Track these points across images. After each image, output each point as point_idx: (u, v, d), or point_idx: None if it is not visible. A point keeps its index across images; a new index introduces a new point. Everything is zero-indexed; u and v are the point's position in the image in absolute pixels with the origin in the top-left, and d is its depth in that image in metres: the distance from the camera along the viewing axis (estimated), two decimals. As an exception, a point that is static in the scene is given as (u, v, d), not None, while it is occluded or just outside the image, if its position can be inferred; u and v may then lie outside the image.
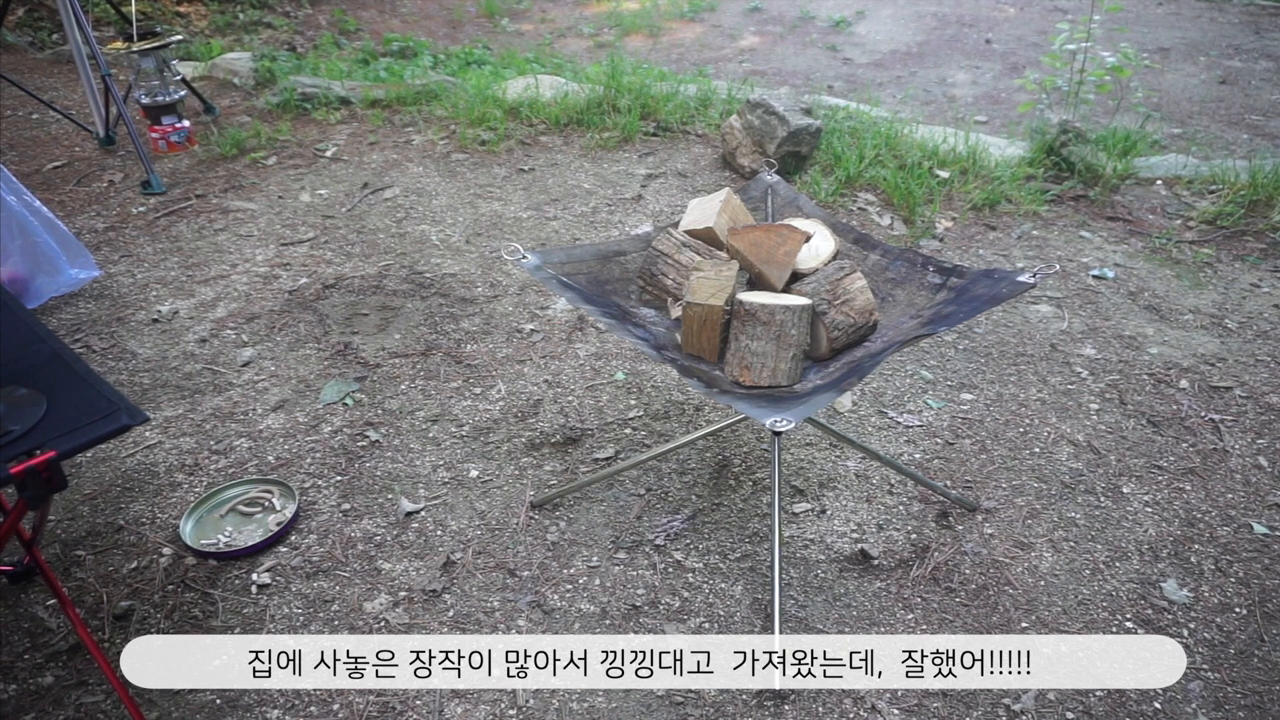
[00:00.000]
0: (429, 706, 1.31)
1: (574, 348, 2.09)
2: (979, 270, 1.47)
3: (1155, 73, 4.36)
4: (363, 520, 1.63)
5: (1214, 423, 1.91)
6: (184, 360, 2.03)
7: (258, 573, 1.52)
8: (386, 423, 1.85)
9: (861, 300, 1.40)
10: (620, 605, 1.47)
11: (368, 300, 2.24)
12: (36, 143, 3.12)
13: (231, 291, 2.27)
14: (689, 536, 1.60)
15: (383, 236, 2.52)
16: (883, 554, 1.57)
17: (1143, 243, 2.60)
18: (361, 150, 3.05)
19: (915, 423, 1.89)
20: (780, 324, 1.31)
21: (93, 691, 1.32)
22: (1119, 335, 2.19)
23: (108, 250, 2.44)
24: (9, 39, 4.03)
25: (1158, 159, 3.07)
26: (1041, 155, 2.95)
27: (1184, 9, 5.60)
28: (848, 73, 4.46)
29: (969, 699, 1.33)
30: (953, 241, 2.58)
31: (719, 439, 1.83)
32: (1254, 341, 2.18)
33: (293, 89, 3.39)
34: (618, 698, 1.33)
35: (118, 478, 1.72)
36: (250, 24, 4.70)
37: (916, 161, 2.89)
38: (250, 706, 1.31)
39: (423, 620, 1.44)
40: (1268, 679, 1.38)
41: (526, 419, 1.87)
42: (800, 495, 1.70)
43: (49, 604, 1.46)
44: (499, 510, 1.65)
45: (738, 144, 2.86)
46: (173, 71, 3.03)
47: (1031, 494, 1.72)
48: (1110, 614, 1.48)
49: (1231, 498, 1.72)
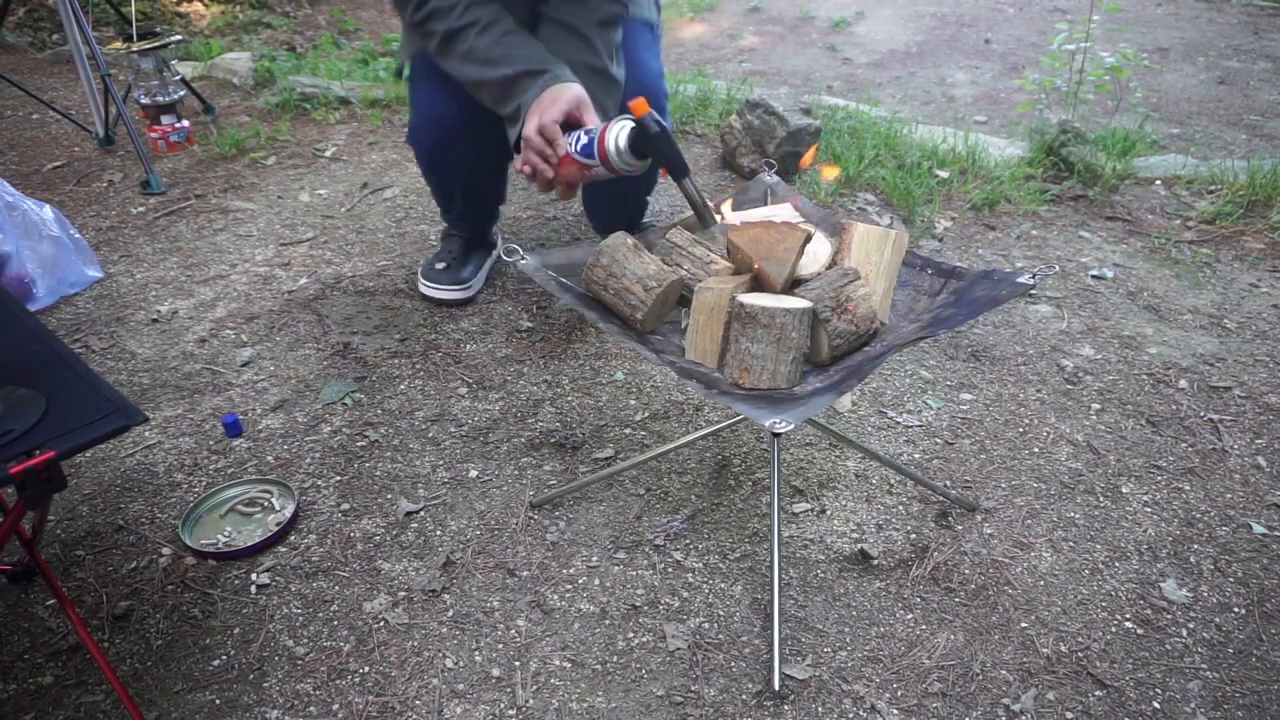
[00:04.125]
0: (428, 706, 1.31)
1: (573, 348, 2.09)
2: (979, 271, 1.47)
3: (1154, 73, 4.36)
4: (362, 520, 1.63)
5: (1213, 423, 1.91)
6: (183, 360, 2.03)
7: (257, 573, 1.52)
8: (386, 423, 1.85)
9: (864, 308, 1.40)
10: (620, 605, 1.47)
11: (367, 300, 2.24)
12: (36, 143, 3.12)
13: (231, 291, 2.27)
14: (689, 536, 1.60)
15: (382, 236, 2.52)
16: (882, 554, 1.57)
17: (1142, 243, 2.61)
18: (361, 150, 3.05)
19: (914, 423, 1.89)
20: (781, 327, 1.31)
21: (92, 691, 1.32)
22: (1118, 335, 2.19)
23: (107, 250, 2.44)
24: (9, 39, 4.03)
25: (1157, 159, 3.08)
26: (1041, 155, 2.96)
27: (1183, 9, 5.60)
28: (847, 73, 4.46)
29: (969, 699, 1.33)
30: (952, 241, 2.58)
31: (719, 439, 1.83)
32: (1253, 341, 2.18)
33: (292, 89, 3.39)
34: (617, 698, 1.33)
35: (117, 478, 1.72)
36: (250, 24, 4.70)
37: (916, 161, 2.89)
38: (250, 706, 1.31)
39: (422, 620, 1.44)
40: (1266, 679, 1.38)
41: (526, 419, 1.87)
42: (800, 495, 1.70)
43: (49, 604, 1.46)
44: (499, 510, 1.65)
45: (737, 144, 2.86)
46: (172, 71, 3.03)
47: (1031, 494, 1.72)
48: (1110, 614, 1.48)
49: (1230, 497, 1.72)
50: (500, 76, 1.60)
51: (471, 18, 1.62)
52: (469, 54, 1.62)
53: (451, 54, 1.65)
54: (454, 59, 1.66)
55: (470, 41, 1.61)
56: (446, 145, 1.96)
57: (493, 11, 1.64)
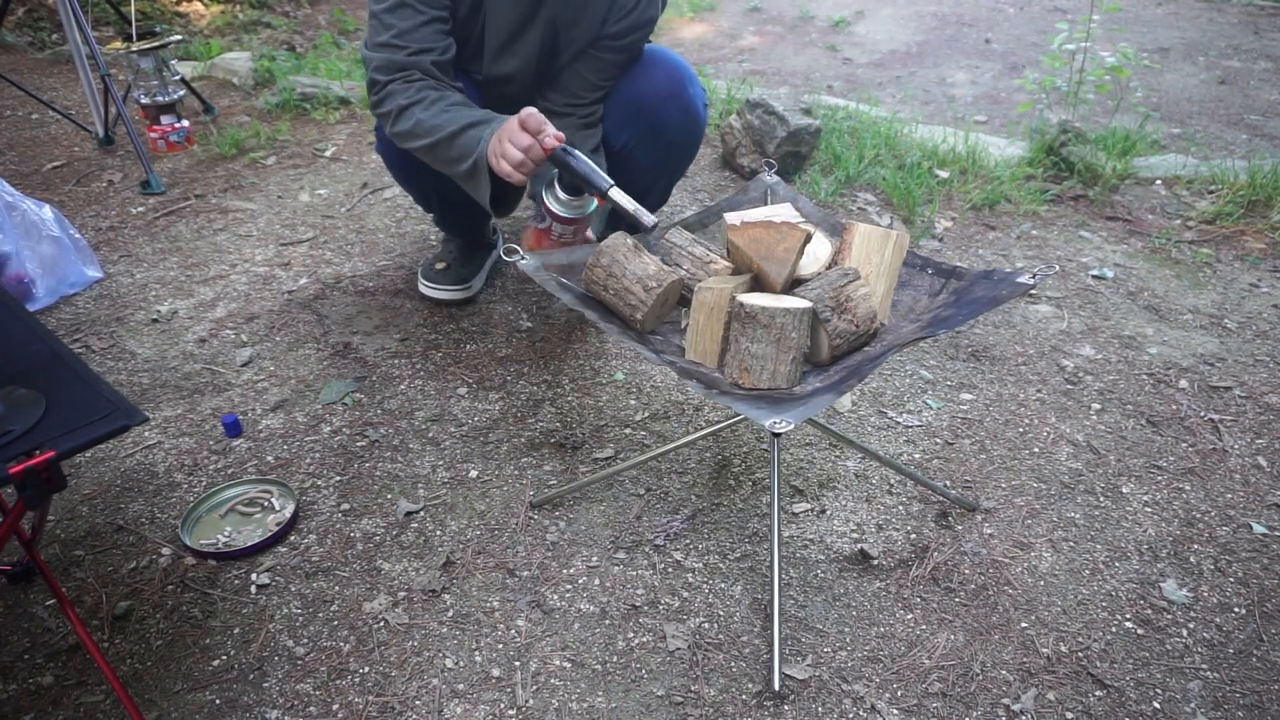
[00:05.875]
0: (428, 706, 1.31)
1: (573, 348, 2.09)
2: (979, 271, 1.47)
3: (1154, 73, 4.36)
4: (362, 520, 1.63)
5: (1213, 423, 1.91)
6: (183, 360, 2.03)
7: (257, 573, 1.52)
8: (386, 423, 1.85)
9: (864, 308, 1.40)
10: (620, 605, 1.47)
11: (367, 300, 2.24)
12: (36, 143, 3.12)
13: (231, 291, 2.27)
14: (688, 536, 1.60)
15: (382, 236, 2.52)
16: (882, 554, 1.57)
17: (1142, 242, 2.61)
18: (361, 150, 3.05)
19: (915, 423, 1.89)
20: (781, 327, 1.31)
21: (92, 691, 1.32)
22: (1118, 335, 2.19)
23: (107, 250, 2.44)
24: (8, 39, 4.03)
25: (1157, 159, 3.08)
26: (1041, 155, 2.96)
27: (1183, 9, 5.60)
28: (847, 72, 4.46)
29: (969, 699, 1.33)
30: (952, 241, 2.58)
31: (719, 439, 1.83)
32: (1253, 341, 2.18)
33: (292, 89, 3.39)
34: (617, 698, 1.33)
35: (117, 478, 1.72)
36: (249, 24, 4.70)
37: (916, 161, 2.89)
38: (250, 706, 1.31)
39: (422, 620, 1.44)
40: (1267, 679, 1.38)
41: (526, 419, 1.87)
42: (800, 495, 1.70)
43: (48, 604, 1.46)
44: (499, 510, 1.65)
45: (737, 144, 2.86)
46: (172, 71, 3.03)
47: (1031, 494, 1.72)
48: (1110, 614, 1.48)
49: (1231, 498, 1.72)
50: (448, 133, 1.62)
51: (419, 96, 1.67)
52: (417, 126, 1.66)
53: (403, 129, 1.68)
54: (406, 136, 1.69)
55: (417, 114, 1.66)
56: (411, 155, 1.90)
57: (440, 90, 1.69)
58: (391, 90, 1.68)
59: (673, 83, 1.88)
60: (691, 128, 1.94)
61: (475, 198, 1.68)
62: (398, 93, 1.67)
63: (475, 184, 1.65)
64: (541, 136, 1.49)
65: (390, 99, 1.68)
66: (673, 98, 1.88)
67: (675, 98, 1.88)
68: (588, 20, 1.79)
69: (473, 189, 1.67)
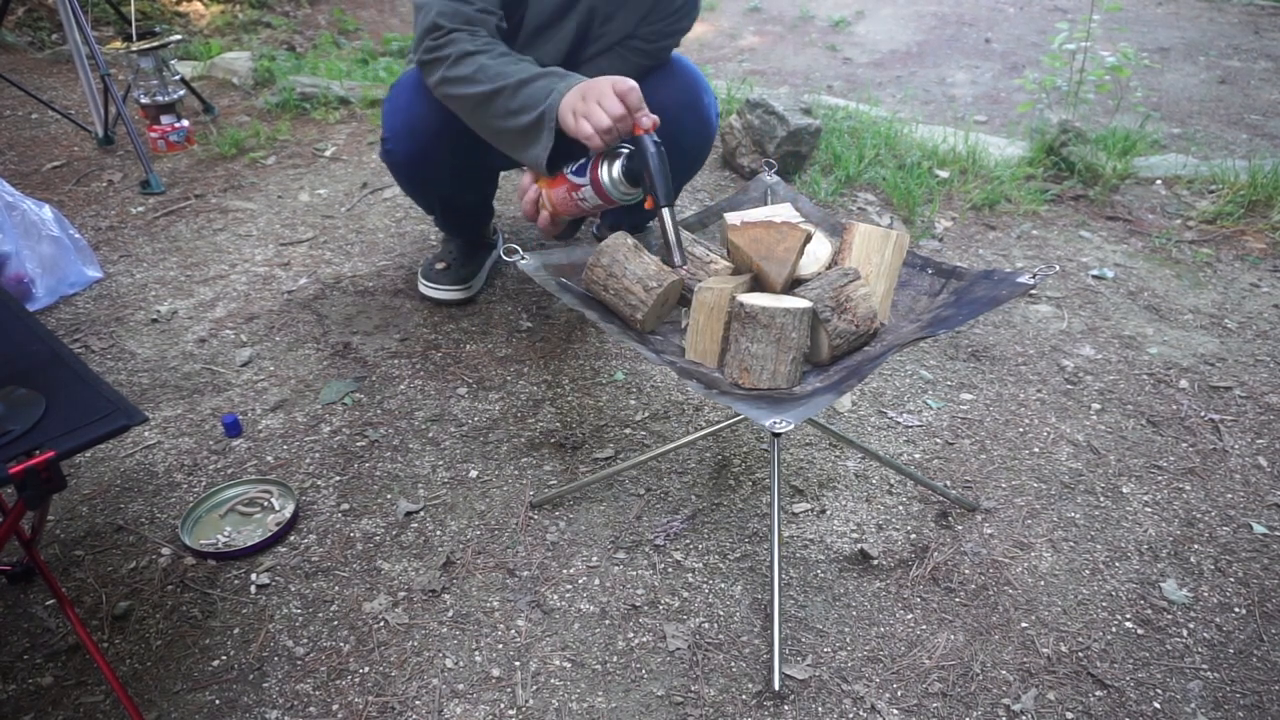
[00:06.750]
0: (428, 706, 1.31)
1: (573, 348, 2.09)
2: (979, 271, 1.47)
3: (1155, 72, 4.36)
4: (362, 520, 1.63)
5: (1214, 423, 1.91)
6: (183, 360, 2.03)
7: (257, 573, 1.52)
8: (386, 423, 1.85)
9: (864, 308, 1.40)
10: (620, 605, 1.47)
11: (367, 300, 2.24)
12: (36, 143, 3.12)
13: (230, 291, 2.27)
14: (688, 536, 1.60)
15: (382, 236, 2.52)
16: (882, 554, 1.57)
17: (1142, 242, 2.61)
18: (361, 150, 3.05)
19: (915, 423, 1.89)
20: (781, 327, 1.31)
21: (92, 692, 1.32)
22: (1118, 335, 2.19)
23: (106, 250, 2.44)
24: (8, 39, 4.03)
25: (1157, 159, 3.07)
26: (1041, 155, 2.96)
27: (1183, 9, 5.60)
28: (847, 72, 4.46)
29: (969, 699, 1.33)
30: (952, 241, 2.58)
31: (719, 439, 1.83)
32: (1254, 341, 2.18)
33: (292, 89, 3.39)
34: (617, 698, 1.33)
35: (117, 478, 1.72)
36: (249, 24, 4.70)
37: (916, 161, 2.89)
38: (250, 707, 1.31)
39: (422, 620, 1.44)
40: (1267, 679, 1.38)
41: (526, 419, 1.87)
42: (800, 495, 1.70)
43: (48, 604, 1.46)
44: (499, 510, 1.65)
45: (737, 144, 2.86)
46: (171, 71, 3.02)
47: (1031, 494, 1.72)
48: (1110, 614, 1.48)
49: (1231, 498, 1.72)
50: (515, 80, 1.53)
51: (486, 45, 1.60)
52: (479, 71, 1.56)
53: (459, 74, 1.59)
54: (458, 82, 1.60)
55: (482, 60, 1.57)
56: (422, 159, 1.88)
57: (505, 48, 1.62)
58: (456, 37, 1.59)
59: (690, 92, 1.88)
60: (706, 138, 1.94)
61: (522, 156, 1.57)
62: (462, 39, 1.59)
63: (531, 138, 1.53)
64: (640, 114, 1.42)
65: (453, 44, 1.59)
66: (690, 108, 1.87)
67: (692, 108, 1.88)
68: (625, 15, 1.78)
69: (525, 144, 1.55)
